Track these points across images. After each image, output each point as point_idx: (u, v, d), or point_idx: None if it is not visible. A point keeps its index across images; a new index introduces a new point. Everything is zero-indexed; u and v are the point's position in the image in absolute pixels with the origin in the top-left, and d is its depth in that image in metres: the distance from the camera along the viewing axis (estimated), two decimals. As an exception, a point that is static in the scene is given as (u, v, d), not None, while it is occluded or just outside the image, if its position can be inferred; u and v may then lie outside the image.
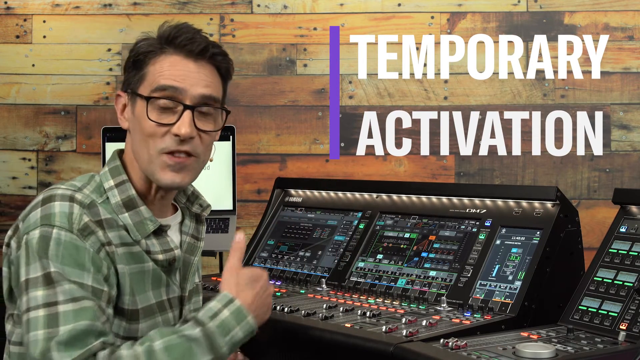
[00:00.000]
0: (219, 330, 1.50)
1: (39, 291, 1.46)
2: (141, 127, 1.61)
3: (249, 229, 3.58)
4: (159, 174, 1.61)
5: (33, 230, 1.50)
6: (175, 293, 1.71)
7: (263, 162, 3.70)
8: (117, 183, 1.64)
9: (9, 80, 3.81)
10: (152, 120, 1.59)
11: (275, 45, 3.76)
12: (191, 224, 1.80)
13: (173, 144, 1.60)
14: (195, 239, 1.80)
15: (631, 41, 3.62)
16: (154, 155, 1.60)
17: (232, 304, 1.55)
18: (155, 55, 1.62)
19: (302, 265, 2.34)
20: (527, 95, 3.65)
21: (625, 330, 1.66)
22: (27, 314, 1.46)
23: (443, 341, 1.60)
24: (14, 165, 3.81)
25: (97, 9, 3.79)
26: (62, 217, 1.51)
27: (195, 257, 1.78)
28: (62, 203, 1.53)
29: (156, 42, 1.64)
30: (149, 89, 1.61)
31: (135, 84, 1.64)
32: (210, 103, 1.65)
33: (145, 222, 1.63)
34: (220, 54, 1.67)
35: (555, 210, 1.98)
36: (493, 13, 3.68)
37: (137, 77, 1.63)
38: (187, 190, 1.82)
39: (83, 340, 1.45)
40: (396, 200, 2.33)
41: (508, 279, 1.93)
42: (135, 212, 1.62)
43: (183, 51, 1.62)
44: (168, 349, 1.46)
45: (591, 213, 3.56)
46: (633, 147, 3.61)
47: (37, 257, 1.48)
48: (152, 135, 1.60)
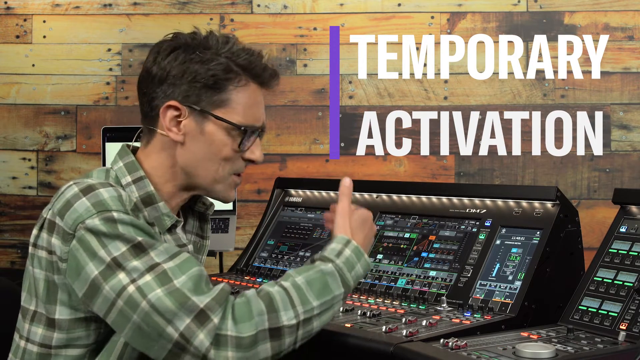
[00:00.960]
0: (346, 267, 1.60)
1: (134, 262, 1.44)
2: (215, 148, 1.63)
3: (249, 229, 3.58)
4: (226, 192, 1.70)
5: (90, 219, 1.47)
6: None
7: (263, 162, 3.69)
8: (135, 179, 1.63)
9: (9, 80, 3.81)
10: (238, 150, 1.65)
11: (275, 45, 3.76)
12: (194, 222, 1.80)
13: (242, 166, 1.71)
14: (200, 237, 1.81)
15: (631, 41, 3.62)
16: (224, 177, 1.67)
17: (350, 244, 1.64)
18: (240, 85, 1.63)
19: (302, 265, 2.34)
20: (527, 95, 3.66)
21: (625, 330, 1.66)
22: (133, 284, 1.42)
23: (443, 341, 1.60)
24: (14, 165, 3.81)
25: (97, 9, 3.79)
26: (115, 201, 1.50)
27: (202, 256, 1.79)
28: (107, 189, 1.52)
29: (232, 65, 1.62)
30: (239, 120, 1.63)
31: (211, 105, 1.62)
32: None
33: (163, 218, 1.63)
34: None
35: (555, 210, 1.98)
36: (493, 13, 3.68)
37: (216, 100, 1.62)
38: None
39: (206, 284, 1.47)
40: (396, 200, 2.33)
41: (508, 279, 1.93)
42: (154, 208, 1.62)
43: (264, 86, 1.68)
44: (310, 282, 1.54)
45: (591, 213, 3.56)
46: (633, 147, 3.61)
47: (111, 238, 1.46)
48: (228, 159, 1.66)
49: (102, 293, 1.44)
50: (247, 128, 1.64)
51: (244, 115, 1.64)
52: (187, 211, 1.79)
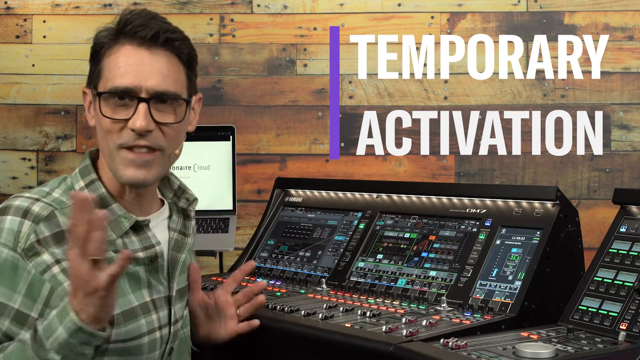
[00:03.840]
0: (44, 333, 1.39)
1: None
2: (100, 123, 1.57)
3: (249, 229, 3.58)
4: (121, 170, 1.56)
5: None
6: (161, 293, 1.66)
7: (263, 162, 3.70)
8: (87, 183, 1.61)
9: (9, 80, 3.81)
10: (106, 116, 1.54)
11: (275, 45, 3.76)
12: (179, 219, 1.75)
13: (130, 139, 1.54)
14: (183, 234, 1.75)
15: (631, 41, 3.62)
16: (113, 151, 1.55)
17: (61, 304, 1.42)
18: (110, 47, 1.56)
19: (302, 265, 2.34)
20: (527, 95, 3.65)
21: (625, 330, 1.66)
22: None
23: (443, 341, 1.60)
24: (14, 165, 3.81)
25: (97, 9, 3.79)
26: (9, 235, 1.48)
27: (182, 255, 1.72)
28: (14, 218, 1.49)
29: (112, 31, 1.58)
30: (105, 86, 1.55)
31: (95, 79, 1.58)
32: (165, 96, 1.57)
33: (120, 220, 1.59)
34: (176, 39, 1.58)
35: (555, 210, 1.98)
36: (493, 13, 3.68)
37: (96, 72, 1.58)
38: (173, 184, 1.77)
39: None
40: (396, 200, 2.33)
41: (508, 279, 1.93)
42: (108, 211, 1.56)
43: (135, 39, 1.55)
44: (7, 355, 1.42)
45: (591, 213, 3.56)
46: (633, 147, 3.61)
47: None
48: (109, 132, 1.55)
49: None
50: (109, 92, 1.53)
51: (109, 78, 1.54)
52: (172, 207, 1.76)
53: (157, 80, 1.54)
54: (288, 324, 1.83)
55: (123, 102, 1.54)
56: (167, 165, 1.63)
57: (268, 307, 1.94)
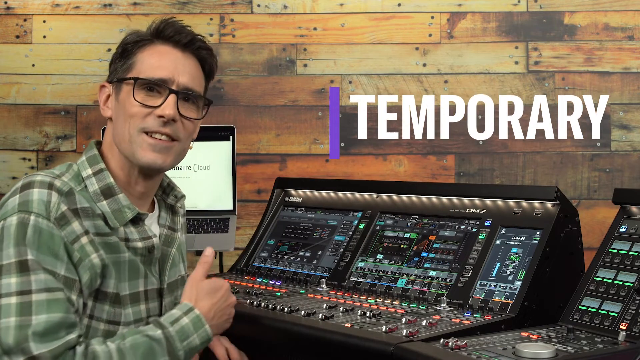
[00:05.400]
0: (177, 335, 1.58)
1: (12, 278, 1.47)
2: (125, 109, 1.65)
3: (249, 229, 3.58)
4: (139, 153, 1.64)
5: (10, 217, 1.51)
6: (153, 285, 1.72)
7: (263, 162, 3.70)
8: (95, 171, 1.66)
9: (9, 80, 3.81)
10: (138, 101, 1.63)
11: (275, 45, 3.76)
12: (167, 215, 1.82)
13: (155, 124, 1.64)
14: (172, 230, 1.81)
15: (631, 41, 3.62)
16: (134, 134, 1.64)
17: (191, 312, 1.62)
18: (144, 45, 1.68)
19: (302, 265, 2.34)
20: (527, 95, 3.65)
21: (625, 330, 1.66)
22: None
23: (443, 341, 1.60)
24: (14, 165, 3.81)
25: (97, 9, 3.79)
26: (40, 205, 1.52)
27: (172, 249, 1.79)
28: (41, 190, 1.54)
29: (145, 34, 1.70)
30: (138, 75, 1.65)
31: (122, 72, 1.68)
32: (194, 93, 1.70)
33: (124, 210, 1.64)
34: (205, 49, 1.74)
35: (555, 210, 1.98)
36: (493, 13, 3.68)
37: (125, 66, 1.68)
38: (163, 181, 1.82)
39: (58, 332, 1.47)
40: (396, 200, 2.33)
41: (508, 279, 1.93)
42: (114, 200, 1.63)
43: (171, 42, 1.69)
44: (134, 346, 1.52)
45: (591, 213, 3.56)
46: (633, 147, 3.61)
47: (12, 243, 1.48)
48: (134, 115, 1.64)
49: None
50: (144, 80, 1.65)
51: (143, 70, 1.66)
52: (161, 204, 1.81)
53: (187, 78, 1.68)
54: (288, 324, 1.83)
55: (152, 93, 1.65)
56: (181, 156, 1.73)
57: (268, 307, 1.94)
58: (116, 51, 1.72)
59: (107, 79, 1.74)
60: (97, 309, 1.59)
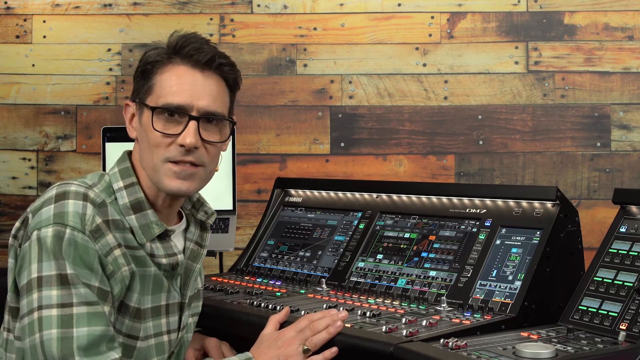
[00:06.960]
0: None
1: (54, 290, 1.46)
2: (147, 137, 1.63)
3: (249, 229, 3.58)
4: (165, 181, 1.62)
5: (45, 228, 1.50)
6: (175, 299, 1.72)
7: (263, 162, 3.70)
8: (127, 185, 1.65)
9: (9, 80, 3.81)
10: (158, 130, 1.60)
11: (275, 45, 3.76)
12: (196, 230, 1.80)
13: (178, 154, 1.61)
14: (199, 245, 1.80)
15: (631, 41, 3.62)
16: (158, 164, 1.62)
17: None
18: (163, 66, 1.63)
19: (302, 265, 2.34)
20: (527, 95, 3.65)
21: (625, 330, 1.66)
22: (38, 312, 1.45)
23: (443, 341, 1.60)
24: (14, 165, 3.81)
25: (97, 9, 3.79)
26: (76, 217, 1.51)
27: (197, 264, 1.79)
28: (76, 202, 1.53)
29: (164, 51, 1.65)
30: (156, 102, 1.61)
31: (143, 94, 1.65)
32: (215, 116, 1.65)
33: (151, 225, 1.64)
34: (227, 65, 1.67)
35: (555, 210, 1.98)
36: (493, 13, 3.68)
37: (146, 88, 1.64)
38: (192, 197, 1.82)
39: (100, 346, 1.46)
40: (396, 200, 2.33)
41: (508, 279, 1.93)
42: (142, 215, 1.63)
43: (190, 61, 1.63)
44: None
45: (591, 213, 3.56)
46: (633, 147, 3.61)
47: (51, 256, 1.48)
48: (158, 145, 1.61)
49: (23, 301, 1.50)
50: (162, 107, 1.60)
51: (162, 95, 1.62)
52: (190, 218, 1.80)
53: (207, 101, 1.62)
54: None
55: (173, 119, 1.62)
56: (207, 180, 1.71)
57: (268, 308, 1.94)
58: (137, 68, 1.68)
59: (130, 96, 1.70)
60: (118, 321, 1.59)
